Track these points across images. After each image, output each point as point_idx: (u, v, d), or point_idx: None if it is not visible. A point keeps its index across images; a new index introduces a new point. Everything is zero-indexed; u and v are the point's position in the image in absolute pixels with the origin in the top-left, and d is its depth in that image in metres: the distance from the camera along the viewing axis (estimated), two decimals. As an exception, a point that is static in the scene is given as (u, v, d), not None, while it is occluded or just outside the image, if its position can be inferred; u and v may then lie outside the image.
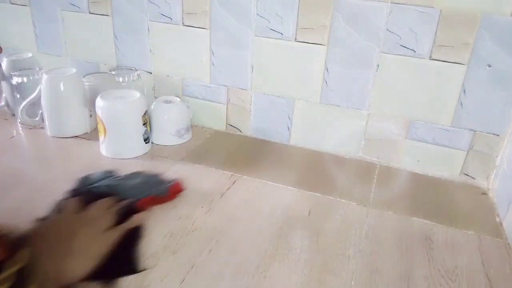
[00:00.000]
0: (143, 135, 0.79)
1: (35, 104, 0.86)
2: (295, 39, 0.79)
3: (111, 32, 0.93)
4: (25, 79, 0.86)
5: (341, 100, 0.81)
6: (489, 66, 0.69)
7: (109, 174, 0.57)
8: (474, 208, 0.70)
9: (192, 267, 0.53)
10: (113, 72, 0.88)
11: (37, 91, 0.84)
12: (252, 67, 0.84)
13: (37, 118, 0.88)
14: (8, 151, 0.80)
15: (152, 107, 0.84)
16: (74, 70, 0.84)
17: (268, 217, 0.64)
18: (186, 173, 0.74)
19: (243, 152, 0.84)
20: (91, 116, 0.87)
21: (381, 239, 0.61)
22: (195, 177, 0.73)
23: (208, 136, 0.90)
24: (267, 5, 0.78)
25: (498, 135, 0.73)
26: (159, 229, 0.59)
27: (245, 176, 0.74)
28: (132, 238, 0.48)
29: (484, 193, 0.75)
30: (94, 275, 0.42)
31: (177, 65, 0.91)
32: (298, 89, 0.83)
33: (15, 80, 0.86)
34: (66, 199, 0.49)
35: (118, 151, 0.78)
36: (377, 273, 0.54)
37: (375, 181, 0.77)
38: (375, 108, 0.79)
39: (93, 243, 0.43)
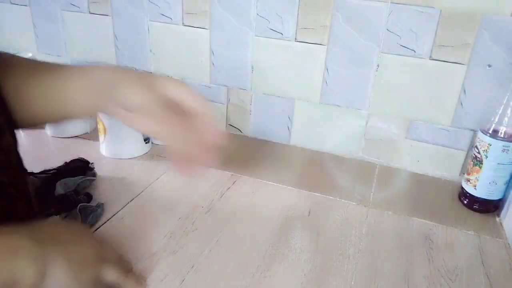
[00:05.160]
0: (143, 135, 0.79)
1: (35, 104, 0.86)
2: (295, 39, 0.79)
3: (111, 32, 0.93)
4: (25, 79, 0.86)
5: (341, 100, 0.81)
6: (489, 66, 0.69)
7: None
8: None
9: (192, 267, 0.53)
10: (113, 72, 0.88)
11: (37, 91, 0.84)
12: (252, 67, 0.84)
13: (37, 118, 0.88)
14: (8, 151, 0.80)
15: (152, 107, 0.83)
16: (74, 70, 0.84)
17: (268, 217, 0.64)
18: (186, 173, 0.74)
19: (243, 152, 0.84)
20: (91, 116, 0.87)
21: (381, 239, 0.61)
22: (195, 177, 0.73)
23: (208, 136, 0.90)
24: (267, 5, 0.78)
25: (498, 135, 0.73)
26: (159, 229, 0.59)
27: (245, 176, 0.74)
28: None
29: (484, 193, 0.75)
30: None
31: (177, 65, 0.91)
32: (298, 89, 0.83)
33: (15, 80, 0.86)
34: None
35: (118, 151, 0.78)
36: (377, 273, 0.54)
37: (375, 181, 0.77)
38: (375, 108, 0.79)
39: None
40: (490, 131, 0.64)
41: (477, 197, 0.68)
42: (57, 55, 1.01)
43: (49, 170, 0.67)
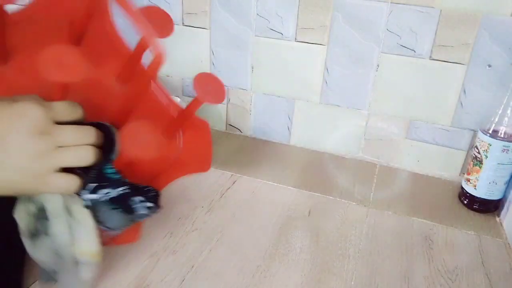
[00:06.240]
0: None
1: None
2: (295, 39, 0.79)
3: (111, 32, 0.93)
4: (25, 79, 0.86)
5: (341, 100, 0.81)
6: (489, 66, 0.69)
7: None
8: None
9: (192, 267, 0.53)
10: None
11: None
12: (252, 67, 0.84)
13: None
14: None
15: (152, 107, 0.83)
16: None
17: (268, 217, 0.64)
18: (186, 173, 0.74)
19: (243, 152, 0.84)
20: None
21: (381, 239, 0.61)
22: (195, 177, 0.73)
23: (208, 136, 0.90)
24: (267, 5, 0.78)
25: (498, 135, 0.73)
26: (159, 229, 0.59)
27: (245, 176, 0.74)
28: None
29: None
30: None
31: (177, 65, 0.91)
32: (298, 89, 0.83)
33: (15, 80, 0.86)
34: None
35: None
36: (377, 273, 0.54)
37: (375, 181, 0.77)
38: (375, 108, 0.79)
39: None
40: (490, 131, 0.64)
41: (477, 197, 0.68)
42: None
43: None
